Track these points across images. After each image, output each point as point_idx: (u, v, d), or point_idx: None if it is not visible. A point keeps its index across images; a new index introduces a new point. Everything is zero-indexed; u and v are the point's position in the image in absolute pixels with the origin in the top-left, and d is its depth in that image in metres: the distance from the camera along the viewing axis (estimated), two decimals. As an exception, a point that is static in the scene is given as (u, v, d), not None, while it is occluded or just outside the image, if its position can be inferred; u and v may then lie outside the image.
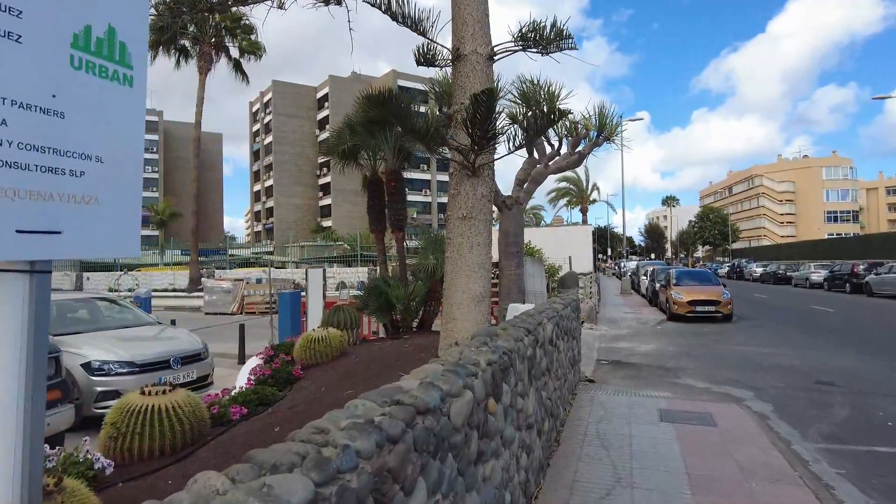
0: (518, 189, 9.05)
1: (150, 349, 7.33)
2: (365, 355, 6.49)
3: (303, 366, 6.47)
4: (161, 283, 30.14)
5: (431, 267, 8.87)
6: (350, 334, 7.87)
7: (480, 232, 5.29)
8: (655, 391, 8.56)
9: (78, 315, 8.04)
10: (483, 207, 5.31)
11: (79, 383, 6.77)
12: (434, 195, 70.59)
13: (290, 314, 12.13)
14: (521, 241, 8.82)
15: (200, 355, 7.87)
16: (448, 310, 5.31)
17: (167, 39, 26.33)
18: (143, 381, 6.95)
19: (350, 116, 9.48)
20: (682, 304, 18.63)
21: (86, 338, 7.28)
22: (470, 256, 5.25)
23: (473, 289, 5.23)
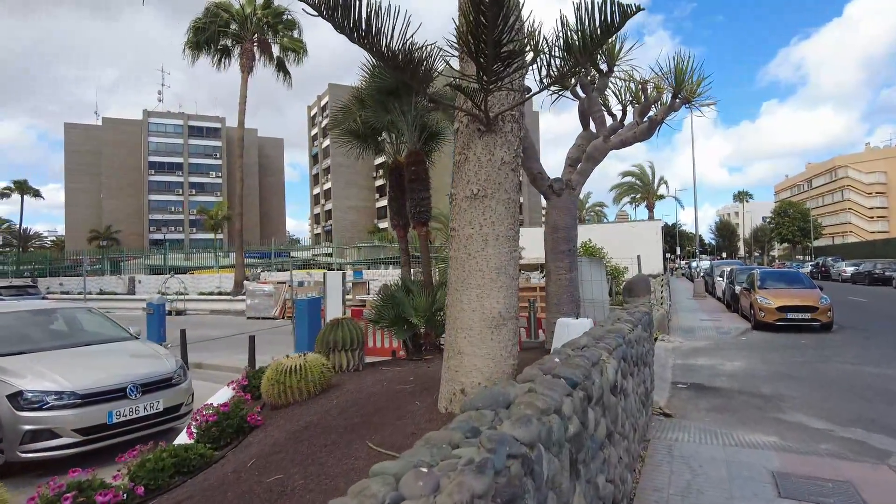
0: (570, 170, 7.09)
1: (100, 374, 5.88)
2: (353, 392, 4.74)
3: (273, 405, 4.81)
4: (208, 287, 29.74)
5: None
6: (351, 357, 6.16)
7: (500, 218, 3.43)
8: (757, 434, 6.38)
9: (33, 330, 6.73)
10: (504, 180, 3.45)
11: (2, 419, 5.37)
12: (526, 196, 68.25)
13: (307, 323, 10.62)
14: (574, 236, 6.86)
15: (171, 380, 6.38)
16: (451, 339, 3.49)
17: (207, 39, 25.71)
18: (86, 416, 5.52)
19: (360, 88, 7.79)
20: (770, 310, 15.93)
21: (25, 360, 5.92)
22: (484, 256, 3.40)
23: (489, 306, 3.38)
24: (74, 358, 6.22)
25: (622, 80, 7.58)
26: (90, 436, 5.52)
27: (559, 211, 6.72)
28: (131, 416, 5.80)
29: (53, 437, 5.37)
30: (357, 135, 8.38)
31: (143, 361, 6.46)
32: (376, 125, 7.83)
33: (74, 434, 5.43)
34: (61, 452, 5.40)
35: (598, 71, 7.10)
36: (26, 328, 6.72)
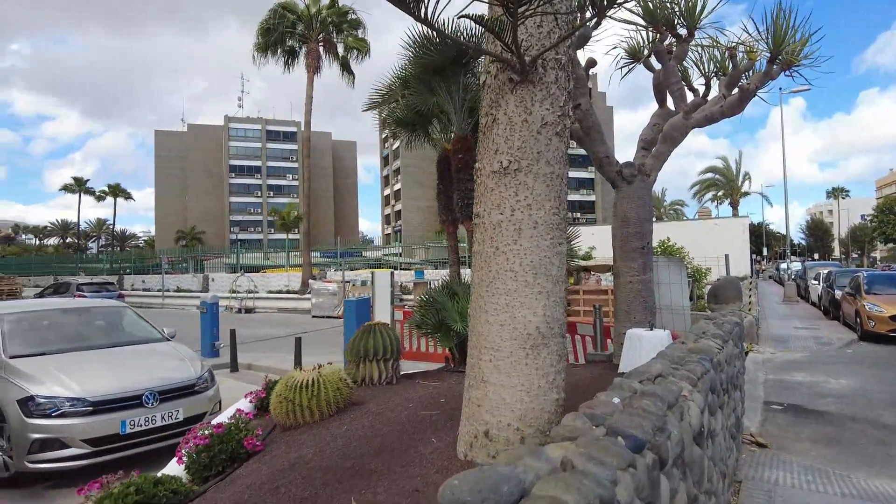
0: (643, 154, 6.02)
1: (115, 380, 5.44)
2: (372, 415, 3.97)
3: (283, 426, 4.12)
4: (277, 285, 30.21)
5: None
6: (384, 369, 5.41)
7: (539, 199, 2.54)
8: (882, 478, 5.08)
9: (60, 329, 6.45)
10: (544, 148, 2.55)
11: (11, 426, 5.02)
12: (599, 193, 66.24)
13: (356, 325, 10.04)
14: (648, 231, 5.80)
15: (194, 387, 5.87)
16: (474, 361, 2.63)
17: (274, 41, 26.00)
18: (96, 425, 5.08)
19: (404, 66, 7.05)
20: (881, 319, 13.86)
21: (43, 362, 5.58)
22: (516, 251, 2.52)
23: (523, 319, 2.49)
24: (93, 361, 5.85)
25: (705, 48, 6.42)
26: (100, 447, 5.07)
27: (630, 201, 5.68)
28: (146, 427, 5.33)
29: (62, 447, 4.97)
30: (403, 122, 7.65)
31: (166, 366, 6.01)
32: (421, 108, 7.06)
33: (84, 445, 5.00)
34: (70, 464, 4.98)
35: (675, 36, 5.99)
36: (54, 327, 6.45)
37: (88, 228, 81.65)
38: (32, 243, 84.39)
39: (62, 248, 76.41)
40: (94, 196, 69.27)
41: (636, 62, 6.61)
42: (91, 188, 69.38)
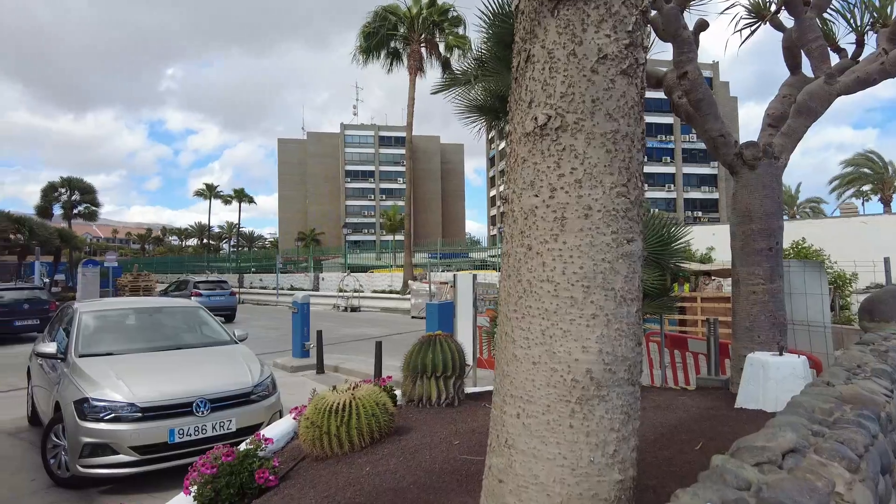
0: (769, 132, 4.77)
1: (167, 385, 5.18)
2: (409, 451, 3.24)
3: (313, 456, 3.52)
4: (381, 285, 30.62)
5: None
6: (443, 388, 4.67)
7: (595, 171, 1.66)
8: None
9: (130, 329, 6.40)
10: (602, 95, 1.67)
11: (67, 427, 4.90)
12: (680, 189, 61.99)
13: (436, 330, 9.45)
14: (777, 228, 4.57)
15: (250, 395, 5.51)
16: (497, 413, 1.81)
17: (377, 44, 26.26)
18: (144, 433, 4.83)
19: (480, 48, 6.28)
20: None
21: (104, 363, 5.47)
22: (557, 252, 1.67)
23: (566, 355, 1.63)
24: (152, 363, 5.67)
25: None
26: (148, 455, 4.82)
27: (753, 190, 4.48)
28: (196, 437, 5.01)
29: (112, 453, 4.76)
30: (483, 108, 6.86)
31: (223, 371, 5.70)
32: (502, 91, 6.23)
33: (132, 452, 4.77)
34: (118, 471, 4.77)
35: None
36: (125, 327, 6.43)
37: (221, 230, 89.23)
38: (176, 244, 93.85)
39: (199, 248, 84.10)
40: (223, 200, 75.42)
41: (760, 21, 5.35)
42: (220, 193, 75.65)
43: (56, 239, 32.86)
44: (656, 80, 5.02)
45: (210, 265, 48.24)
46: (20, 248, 31.77)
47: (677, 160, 62.08)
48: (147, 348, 6.05)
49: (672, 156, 61.48)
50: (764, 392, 4.04)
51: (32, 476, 5.28)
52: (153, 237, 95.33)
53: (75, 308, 6.53)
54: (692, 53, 4.39)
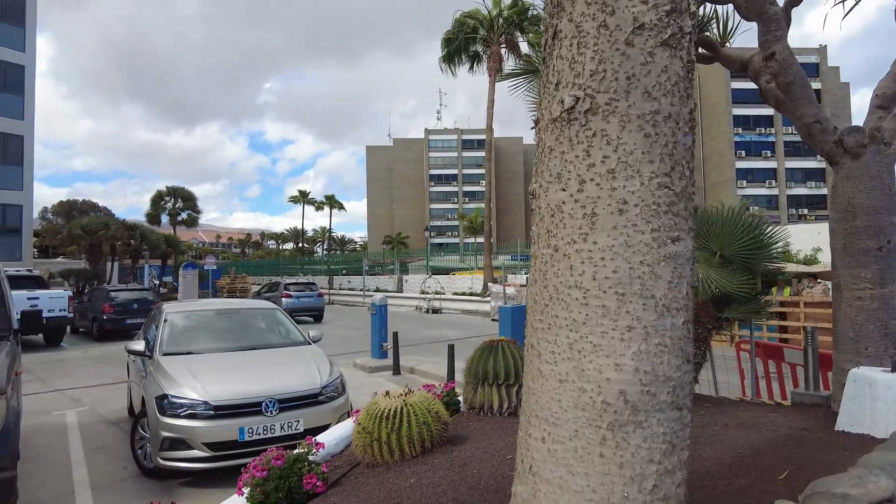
0: (879, 115, 4.18)
1: (238, 384, 5.35)
2: (456, 465, 3.09)
3: (366, 463, 3.45)
4: (462, 287, 30.66)
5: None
6: (506, 396, 4.47)
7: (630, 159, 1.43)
8: None
9: (209, 330, 6.68)
10: (640, 70, 1.43)
11: (150, 421, 5.19)
12: (782, 185, 57.35)
13: (510, 335, 9.23)
14: (888, 224, 3.99)
15: (318, 397, 5.57)
16: (523, 435, 1.61)
17: (457, 49, 26.34)
18: (216, 430, 5.00)
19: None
20: None
21: (183, 362, 5.74)
22: (587, 254, 1.45)
23: (597, 372, 1.41)
24: (227, 363, 5.89)
25: None
26: (219, 452, 4.98)
27: (857, 182, 3.93)
28: (264, 436, 5.13)
29: (187, 448, 4.98)
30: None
31: (294, 372, 5.81)
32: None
33: (205, 448, 4.95)
34: (192, 465, 4.97)
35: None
36: (206, 327, 6.71)
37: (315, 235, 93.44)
38: (273, 248, 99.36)
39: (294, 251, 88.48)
40: (315, 206, 78.98)
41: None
42: (313, 199, 79.25)
43: (163, 244, 35.76)
44: (741, 65, 4.54)
45: (303, 268, 50.43)
46: (134, 252, 34.87)
47: (779, 154, 57.47)
48: (224, 348, 6.30)
49: (773, 149, 57.01)
50: (871, 414, 3.51)
51: (125, 464, 5.63)
52: (252, 242, 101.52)
53: (163, 309, 6.94)
54: (780, 32, 3.92)
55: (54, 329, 14.86)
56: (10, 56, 26.74)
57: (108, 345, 14.93)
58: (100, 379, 10.27)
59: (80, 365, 12.07)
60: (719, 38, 5.16)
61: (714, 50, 5.00)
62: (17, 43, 27.10)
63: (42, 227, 44.00)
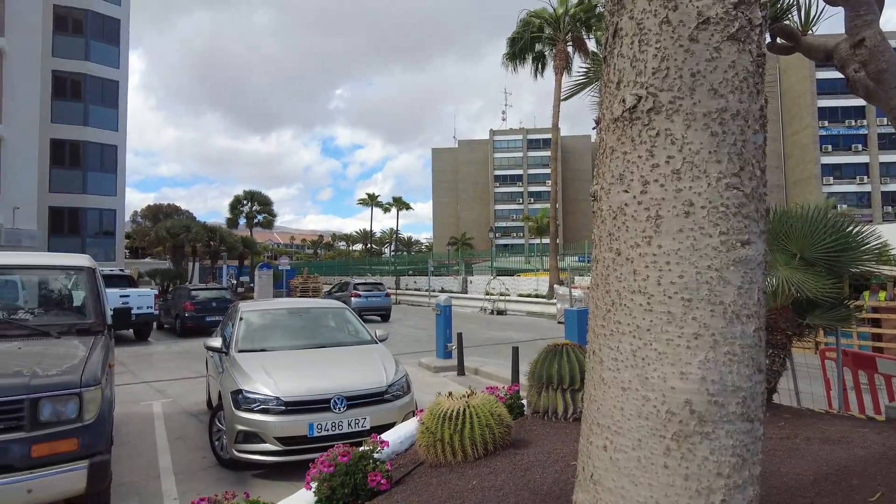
0: None
1: (308, 381, 5.54)
2: (519, 469, 3.06)
3: (432, 463, 3.50)
4: (526, 288, 30.38)
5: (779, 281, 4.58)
6: (570, 402, 4.39)
7: (696, 159, 1.37)
8: None
9: (281, 328, 6.96)
10: (706, 67, 1.37)
11: (226, 415, 5.47)
12: (875, 181, 53.10)
13: (576, 338, 9.09)
14: None
15: (384, 395, 5.69)
16: (584, 443, 1.57)
17: (521, 48, 26.14)
18: (287, 425, 5.21)
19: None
20: None
21: (258, 358, 6.00)
22: (651, 258, 1.41)
23: (661, 381, 1.36)
24: (297, 360, 6.11)
25: None
26: (289, 447, 5.19)
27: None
28: (332, 432, 5.29)
29: (259, 441, 5.21)
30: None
31: (361, 370, 5.96)
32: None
33: (276, 442, 5.17)
34: (264, 459, 5.20)
35: None
36: (279, 326, 7.00)
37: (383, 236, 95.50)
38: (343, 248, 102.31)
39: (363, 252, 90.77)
40: (382, 209, 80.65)
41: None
42: (381, 202, 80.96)
43: (240, 245, 37.60)
44: (825, 54, 4.25)
45: (371, 268, 51.54)
46: (213, 253, 36.87)
47: (872, 147, 53.23)
48: (295, 346, 6.55)
49: (865, 143, 52.90)
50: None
51: (203, 454, 5.97)
52: (324, 243, 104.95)
53: (239, 308, 7.30)
54: (871, 16, 3.64)
55: (142, 325, 15.97)
56: (107, 73, 28.98)
57: (190, 340, 15.85)
58: (182, 373, 10.92)
59: (164, 359, 12.90)
60: (800, 26, 4.85)
61: (794, 39, 4.71)
62: (113, 61, 29.34)
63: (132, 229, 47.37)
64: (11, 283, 6.10)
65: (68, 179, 27.90)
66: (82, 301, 5.62)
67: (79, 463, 3.67)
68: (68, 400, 3.72)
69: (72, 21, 28.01)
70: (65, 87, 27.77)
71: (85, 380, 3.82)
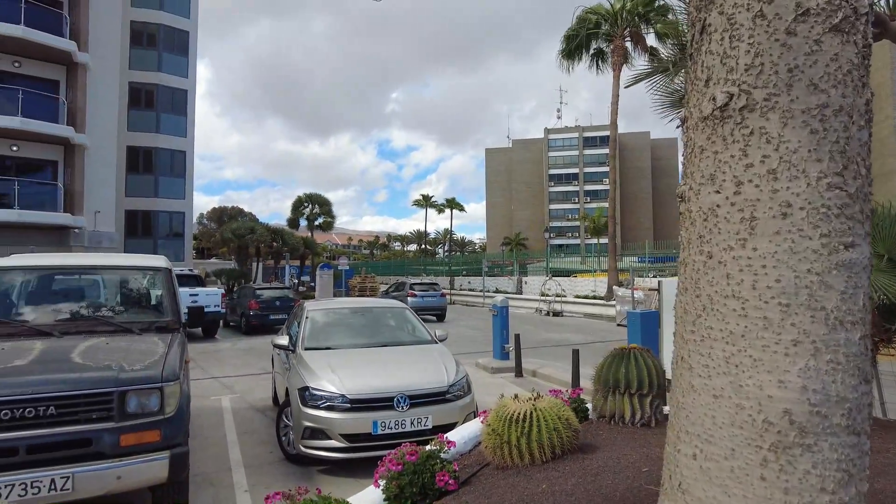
0: None
1: (372, 379, 5.64)
2: (589, 474, 3.01)
3: (497, 465, 3.49)
4: (584, 290, 29.84)
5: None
6: (638, 407, 4.29)
7: (794, 158, 1.31)
8: None
9: (345, 327, 7.11)
10: (804, 61, 1.31)
11: (293, 411, 5.64)
12: None
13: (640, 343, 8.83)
14: None
15: (445, 395, 5.73)
16: (671, 450, 1.53)
17: (577, 45, 25.71)
18: (352, 422, 5.32)
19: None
20: None
21: (323, 356, 6.16)
22: (745, 261, 1.35)
23: (757, 389, 1.31)
24: (361, 359, 6.22)
25: None
26: (354, 444, 5.29)
27: None
28: (395, 430, 5.37)
29: (325, 438, 5.34)
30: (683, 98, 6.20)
31: (422, 370, 6.01)
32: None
33: (341, 439, 5.29)
34: (329, 455, 5.32)
35: None
36: (342, 324, 7.16)
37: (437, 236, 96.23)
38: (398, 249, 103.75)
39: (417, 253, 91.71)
40: (436, 209, 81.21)
41: None
42: (434, 203, 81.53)
43: (301, 246, 38.74)
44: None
45: (426, 268, 51.95)
46: (276, 253, 38.15)
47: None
48: (358, 344, 6.69)
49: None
50: None
51: (270, 449, 6.18)
52: (380, 244, 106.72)
53: (304, 306, 7.52)
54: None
55: (210, 322, 16.70)
56: (177, 83, 30.53)
57: (255, 338, 16.45)
58: (248, 369, 11.35)
59: (231, 356, 13.44)
60: (888, 11, 4.56)
61: (882, 25, 4.42)
62: (182, 71, 30.88)
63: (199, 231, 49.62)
64: (96, 283, 6.52)
65: (142, 184, 29.56)
66: (159, 300, 5.93)
67: (161, 453, 3.88)
68: (151, 393, 3.93)
69: (146, 35, 29.66)
70: (139, 97, 29.44)
71: (165, 375, 4.04)
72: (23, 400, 3.59)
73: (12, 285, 5.64)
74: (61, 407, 3.65)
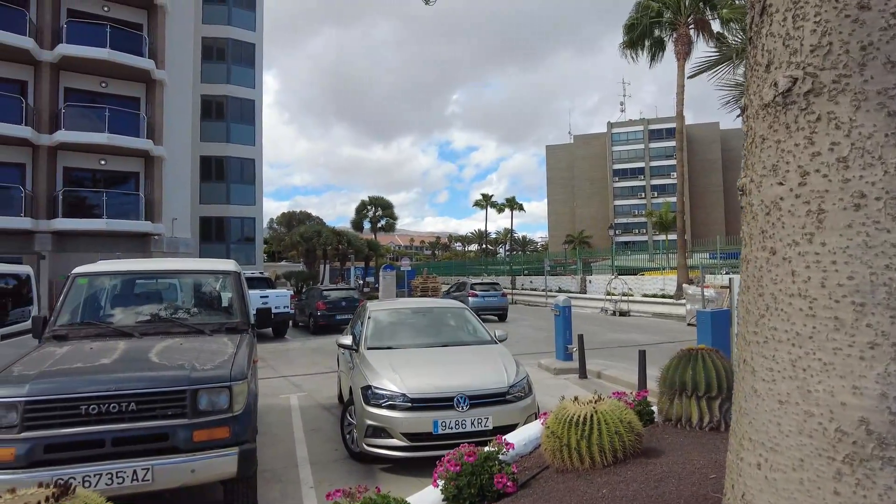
0: None
1: (433, 379, 5.67)
2: (652, 479, 2.90)
3: (557, 468, 3.43)
4: (652, 288, 28.88)
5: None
6: (706, 410, 4.09)
7: (866, 146, 1.20)
8: None
9: (407, 326, 7.19)
10: (879, 38, 1.19)
11: (356, 410, 5.76)
12: None
13: (710, 343, 8.45)
14: None
15: (505, 396, 5.68)
16: (733, 459, 1.44)
17: (640, 35, 24.87)
18: (413, 421, 5.38)
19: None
20: None
21: (385, 356, 6.25)
22: (812, 256, 1.25)
23: (828, 395, 1.20)
24: (422, 358, 6.27)
25: None
26: (415, 443, 5.34)
27: None
28: (456, 430, 5.37)
29: (387, 436, 5.41)
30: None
31: (482, 370, 5.99)
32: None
33: (403, 438, 5.35)
34: (391, 453, 5.39)
35: None
36: (403, 324, 7.25)
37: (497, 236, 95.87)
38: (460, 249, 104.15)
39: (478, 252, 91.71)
40: (496, 209, 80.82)
41: None
42: (494, 202, 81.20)
43: (365, 248, 39.62)
44: None
45: (487, 268, 51.86)
46: (342, 255, 39.18)
47: None
48: (419, 344, 6.75)
49: None
50: None
51: (335, 446, 6.33)
52: (441, 244, 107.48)
53: (367, 307, 7.67)
54: None
55: (280, 323, 17.34)
56: (245, 93, 31.95)
57: (322, 337, 16.95)
58: (316, 368, 11.70)
59: (300, 355, 13.90)
60: None
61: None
62: (249, 82, 32.28)
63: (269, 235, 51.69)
64: (172, 286, 6.91)
65: (214, 192, 31.11)
66: (229, 302, 6.21)
67: (231, 449, 4.05)
68: (220, 392, 4.12)
69: (216, 49, 31.20)
70: (210, 108, 31.01)
71: (234, 374, 4.22)
72: (108, 396, 3.84)
73: (101, 289, 6.07)
74: (141, 403, 3.89)
